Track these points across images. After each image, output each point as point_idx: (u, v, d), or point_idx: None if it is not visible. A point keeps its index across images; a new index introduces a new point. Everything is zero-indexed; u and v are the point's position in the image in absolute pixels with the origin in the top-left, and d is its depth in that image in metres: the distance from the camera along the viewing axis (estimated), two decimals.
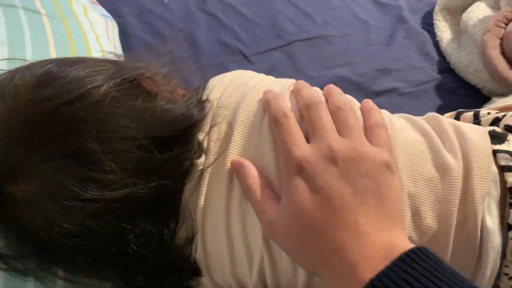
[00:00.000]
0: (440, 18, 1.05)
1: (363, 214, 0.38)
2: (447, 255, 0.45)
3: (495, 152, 0.47)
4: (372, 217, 0.38)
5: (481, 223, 0.45)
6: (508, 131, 0.51)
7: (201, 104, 0.49)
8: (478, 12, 0.97)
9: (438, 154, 0.46)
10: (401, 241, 0.37)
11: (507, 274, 0.46)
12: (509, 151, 0.47)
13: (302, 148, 0.41)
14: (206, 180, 0.45)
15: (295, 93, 0.48)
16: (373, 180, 0.39)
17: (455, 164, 0.46)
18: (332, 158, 0.40)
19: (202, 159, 0.46)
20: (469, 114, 0.60)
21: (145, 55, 0.89)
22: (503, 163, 0.46)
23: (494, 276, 0.46)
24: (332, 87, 0.49)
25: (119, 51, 0.82)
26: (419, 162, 0.46)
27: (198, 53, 0.94)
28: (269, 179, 0.43)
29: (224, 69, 0.91)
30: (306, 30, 1.04)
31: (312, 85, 0.50)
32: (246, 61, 0.94)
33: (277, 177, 0.43)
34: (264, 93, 0.48)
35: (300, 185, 0.40)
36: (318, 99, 0.46)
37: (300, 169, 0.40)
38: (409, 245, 0.35)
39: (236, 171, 0.44)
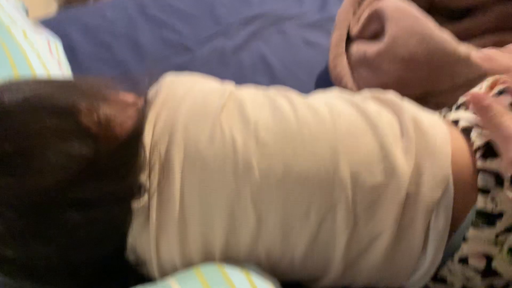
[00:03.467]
0: None
1: None
2: (383, 258, 0.47)
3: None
4: None
5: (428, 224, 0.46)
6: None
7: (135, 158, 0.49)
8: None
9: (387, 152, 0.47)
10: None
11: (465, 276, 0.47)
12: (496, 171, 0.45)
13: None
14: (154, 217, 0.47)
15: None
16: None
17: (405, 167, 0.46)
18: None
19: (145, 197, 0.47)
20: None
21: (93, 66, 0.96)
22: (481, 184, 0.45)
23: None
24: None
25: (64, 65, 0.88)
26: (364, 168, 0.46)
27: (142, 54, 1.00)
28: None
29: (168, 61, 0.97)
30: (242, 13, 1.09)
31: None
32: (188, 51, 1.00)
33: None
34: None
35: None
36: None
37: None
38: None
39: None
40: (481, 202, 0.45)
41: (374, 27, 0.79)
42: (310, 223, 0.47)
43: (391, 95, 0.55)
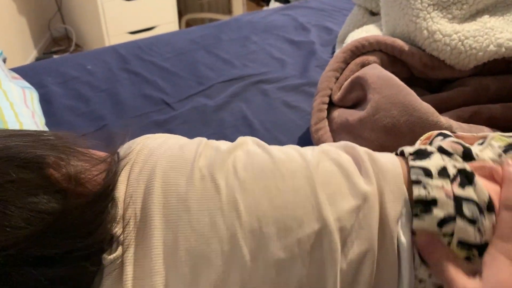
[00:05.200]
0: (339, 47, 1.13)
1: None
2: (373, 275, 0.47)
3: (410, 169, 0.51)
4: None
5: (397, 240, 0.48)
6: (440, 152, 0.53)
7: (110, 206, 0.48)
8: (356, 33, 1.02)
9: (353, 182, 0.49)
10: None
11: (416, 277, 0.48)
12: (423, 167, 0.50)
13: None
14: (130, 271, 0.45)
15: None
16: None
17: (370, 190, 0.49)
18: None
19: (118, 252, 0.45)
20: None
21: (69, 120, 0.93)
22: (413, 177, 0.49)
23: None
24: None
25: (39, 117, 0.86)
26: (340, 196, 0.49)
27: (122, 108, 0.98)
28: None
29: (147, 118, 0.96)
30: (225, 74, 1.10)
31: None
32: (169, 109, 0.99)
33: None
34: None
35: None
36: None
37: None
38: None
39: None
40: (415, 191, 0.48)
41: (356, 94, 0.80)
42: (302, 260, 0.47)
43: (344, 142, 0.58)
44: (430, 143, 0.58)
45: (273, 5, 2.59)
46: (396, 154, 0.57)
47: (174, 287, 0.45)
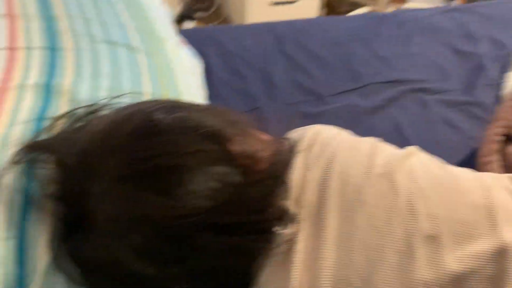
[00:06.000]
0: None
1: None
2: None
3: None
4: None
5: None
6: None
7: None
8: None
9: None
10: None
11: None
12: None
13: None
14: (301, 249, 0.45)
15: None
16: None
17: None
18: None
19: (290, 229, 0.46)
20: None
21: (225, 94, 0.95)
22: None
23: None
24: None
25: (203, 89, 0.88)
26: None
27: (274, 92, 0.98)
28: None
29: (298, 108, 0.94)
30: (382, 74, 1.05)
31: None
32: (320, 102, 0.97)
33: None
34: None
35: None
36: None
37: None
38: None
39: None
40: None
41: None
42: None
43: None
44: None
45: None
46: None
47: (343, 273, 0.44)
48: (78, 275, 0.48)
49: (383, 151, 0.52)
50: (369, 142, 0.54)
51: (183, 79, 0.80)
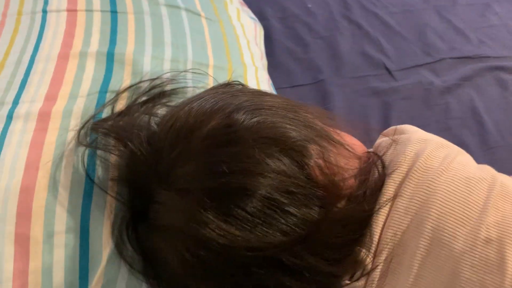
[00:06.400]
0: None
1: None
2: None
3: None
4: None
5: None
6: None
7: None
8: None
9: None
10: None
11: None
12: None
13: None
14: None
15: None
16: None
17: None
18: None
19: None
20: None
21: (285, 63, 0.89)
22: None
23: None
24: None
25: (264, 57, 0.82)
26: None
27: (339, 63, 0.90)
28: None
29: (366, 83, 0.87)
30: (457, 48, 0.95)
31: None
32: (390, 77, 0.89)
33: None
34: None
35: None
36: None
37: None
38: None
39: None
40: None
41: None
42: None
43: None
44: None
45: None
46: None
47: None
48: (140, 262, 0.46)
49: (498, 203, 0.42)
50: (486, 186, 0.44)
51: (247, 48, 0.74)
